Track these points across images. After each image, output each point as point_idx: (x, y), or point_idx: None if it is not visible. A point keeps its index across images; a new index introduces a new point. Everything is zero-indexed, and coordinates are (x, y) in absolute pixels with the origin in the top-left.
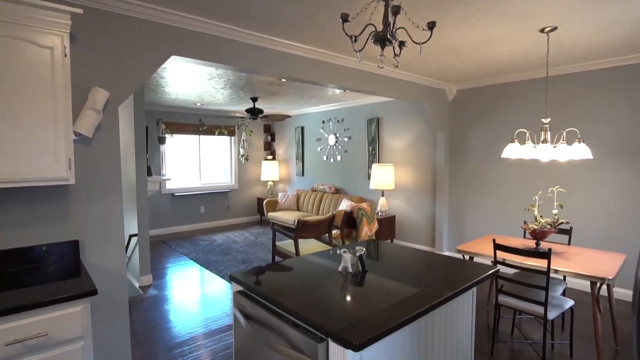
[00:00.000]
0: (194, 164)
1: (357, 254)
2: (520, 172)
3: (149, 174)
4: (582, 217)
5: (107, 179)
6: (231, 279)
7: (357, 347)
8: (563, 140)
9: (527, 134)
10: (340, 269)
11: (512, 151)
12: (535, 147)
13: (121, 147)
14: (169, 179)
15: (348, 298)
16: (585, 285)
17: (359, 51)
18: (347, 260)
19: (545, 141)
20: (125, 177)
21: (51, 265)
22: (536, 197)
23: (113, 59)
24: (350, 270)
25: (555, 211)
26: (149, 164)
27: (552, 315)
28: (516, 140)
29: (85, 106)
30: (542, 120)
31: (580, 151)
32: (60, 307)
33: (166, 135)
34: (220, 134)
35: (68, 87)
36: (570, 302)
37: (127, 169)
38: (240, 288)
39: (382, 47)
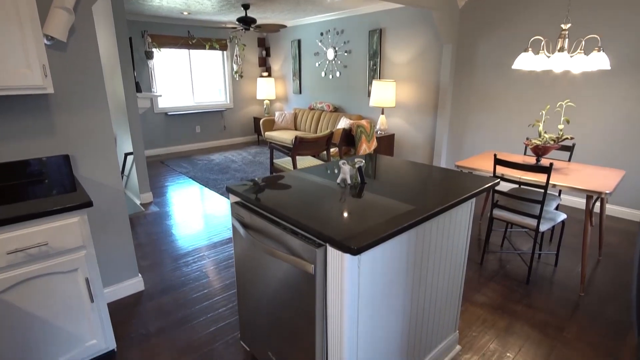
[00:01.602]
0: (186, 81)
1: (356, 166)
2: (530, 86)
3: (138, 90)
4: (587, 133)
5: (89, 87)
6: (228, 190)
7: (355, 251)
8: (581, 49)
9: (543, 43)
10: (338, 180)
11: (525, 61)
12: (549, 56)
13: (105, 62)
14: (160, 95)
15: (346, 208)
16: (577, 202)
17: None
18: (346, 171)
19: (562, 49)
20: (114, 94)
21: (45, 180)
22: (543, 112)
23: None
24: (349, 182)
25: (560, 126)
26: (137, 80)
27: (544, 227)
28: (530, 49)
29: (53, 4)
30: (562, 26)
31: (598, 61)
32: (57, 218)
33: (153, 50)
34: (212, 47)
35: None
36: (562, 216)
37: (114, 85)
38: (237, 199)
39: None
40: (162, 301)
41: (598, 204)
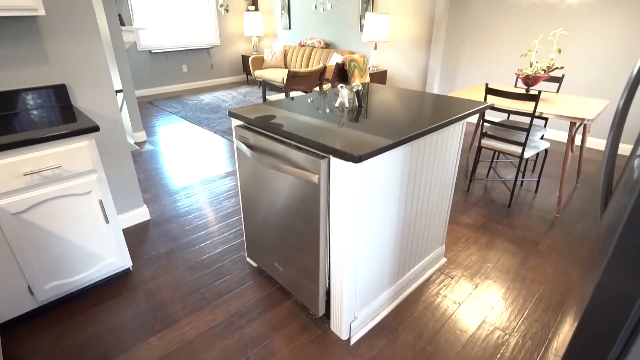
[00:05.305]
0: (168, 16)
1: (354, 90)
2: (525, 16)
3: (122, 24)
4: (577, 64)
5: (79, 10)
6: (230, 115)
7: (357, 159)
8: None
9: None
10: (337, 104)
11: None
12: None
13: None
14: (144, 29)
15: (346, 127)
16: (561, 135)
17: None
18: (345, 95)
19: None
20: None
21: (44, 110)
22: (536, 41)
23: None
24: (347, 105)
25: (552, 55)
26: (118, 12)
27: (528, 154)
28: None
29: None
30: None
31: None
32: (67, 142)
33: None
34: None
35: None
36: (546, 144)
37: (96, 18)
38: (240, 122)
39: None
40: (168, 228)
41: (581, 132)
